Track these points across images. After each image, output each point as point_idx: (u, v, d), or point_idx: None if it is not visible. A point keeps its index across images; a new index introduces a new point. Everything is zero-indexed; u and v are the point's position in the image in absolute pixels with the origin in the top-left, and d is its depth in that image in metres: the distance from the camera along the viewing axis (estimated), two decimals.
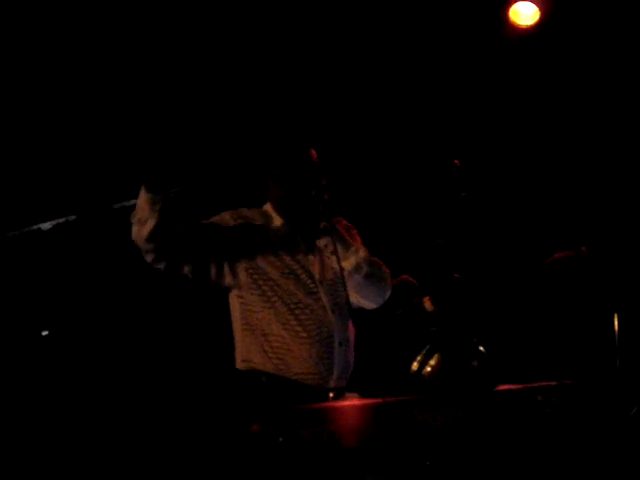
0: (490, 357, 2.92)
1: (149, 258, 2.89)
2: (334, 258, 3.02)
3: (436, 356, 2.97)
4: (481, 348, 2.98)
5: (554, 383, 2.54)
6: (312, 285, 3.01)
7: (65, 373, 4.64)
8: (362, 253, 3.07)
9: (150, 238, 2.82)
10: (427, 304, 3.69)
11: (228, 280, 3.00)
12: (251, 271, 2.99)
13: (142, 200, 2.82)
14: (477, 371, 2.88)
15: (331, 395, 2.86)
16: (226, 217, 3.07)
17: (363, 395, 2.82)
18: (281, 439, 2.26)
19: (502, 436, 2.41)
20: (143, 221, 2.82)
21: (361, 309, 3.16)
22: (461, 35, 4.60)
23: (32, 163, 4.52)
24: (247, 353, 2.97)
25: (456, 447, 2.36)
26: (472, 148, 4.78)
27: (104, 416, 4.52)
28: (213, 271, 2.98)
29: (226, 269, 2.98)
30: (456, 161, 3.35)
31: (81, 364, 4.66)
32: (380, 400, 2.36)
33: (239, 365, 2.99)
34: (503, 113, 4.84)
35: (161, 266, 2.91)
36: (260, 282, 2.98)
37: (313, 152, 3.12)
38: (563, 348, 3.91)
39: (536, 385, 2.54)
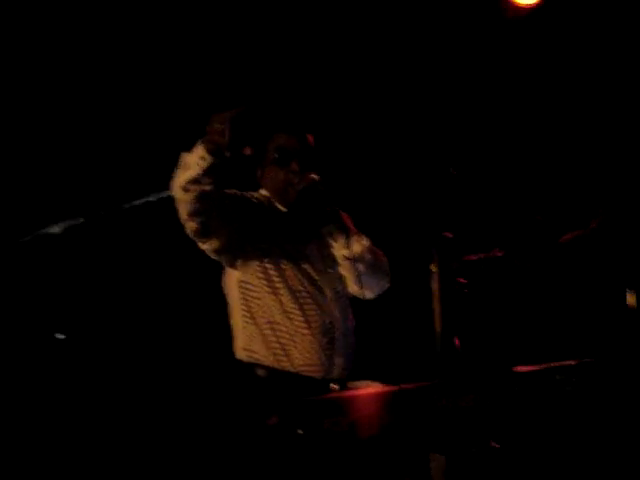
0: (507, 338, 2.91)
1: (202, 187, 2.73)
2: (337, 245, 2.99)
3: None
4: None
5: (573, 362, 2.52)
6: (314, 274, 2.96)
7: (78, 374, 4.66)
8: (365, 241, 3.03)
9: (208, 172, 2.72)
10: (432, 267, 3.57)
11: (241, 258, 2.92)
12: (260, 253, 2.92)
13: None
14: None
15: (334, 386, 2.81)
16: (238, 194, 3.00)
17: (383, 383, 2.80)
18: (300, 431, 2.24)
19: (522, 418, 2.40)
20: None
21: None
22: (461, 16, 4.57)
23: (39, 167, 4.52)
24: (249, 342, 2.91)
25: (477, 431, 2.35)
26: (473, 127, 4.76)
27: (119, 416, 4.53)
28: (234, 245, 2.89)
29: (246, 247, 2.90)
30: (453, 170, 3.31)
31: (94, 365, 4.67)
32: (399, 387, 2.35)
33: (240, 354, 2.93)
34: (505, 94, 4.81)
35: (200, 205, 2.75)
36: (268, 266, 2.91)
37: (310, 137, 3.07)
38: (579, 328, 3.89)
39: (555, 365, 2.52)
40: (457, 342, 2.87)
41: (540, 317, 4.06)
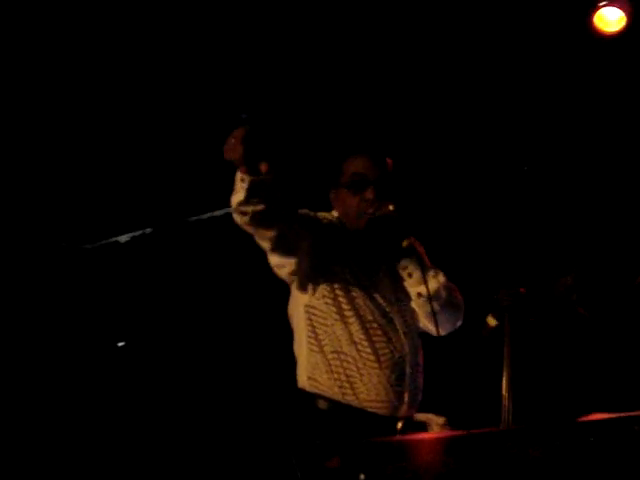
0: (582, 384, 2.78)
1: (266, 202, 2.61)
2: (411, 281, 2.88)
3: None
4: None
5: None
6: (385, 305, 2.85)
7: (141, 383, 4.67)
8: (441, 277, 2.91)
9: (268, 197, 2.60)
10: (490, 320, 3.45)
11: (311, 282, 2.82)
12: (331, 277, 2.82)
13: None
14: None
15: (400, 425, 2.72)
16: (311, 214, 2.90)
17: (452, 423, 2.70)
18: (363, 476, 2.15)
19: (597, 470, 2.28)
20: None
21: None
22: (545, 43, 4.47)
23: (109, 177, 4.56)
24: (312, 371, 2.81)
25: None
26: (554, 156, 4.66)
27: (178, 430, 4.52)
28: (305, 266, 2.80)
29: (317, 269, 2.81)
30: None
31: (156, 374, 4.68)
32: (468, 432, 2.25)
33: (302, 383, 2.84)
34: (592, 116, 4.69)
35: (259, 226, 2.64)
36: (338, 292, 2.81)
37: (389, 161, 2.96)
38: None
39: (633, 414, 2.38)
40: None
41: (617, 361, 3.91)
